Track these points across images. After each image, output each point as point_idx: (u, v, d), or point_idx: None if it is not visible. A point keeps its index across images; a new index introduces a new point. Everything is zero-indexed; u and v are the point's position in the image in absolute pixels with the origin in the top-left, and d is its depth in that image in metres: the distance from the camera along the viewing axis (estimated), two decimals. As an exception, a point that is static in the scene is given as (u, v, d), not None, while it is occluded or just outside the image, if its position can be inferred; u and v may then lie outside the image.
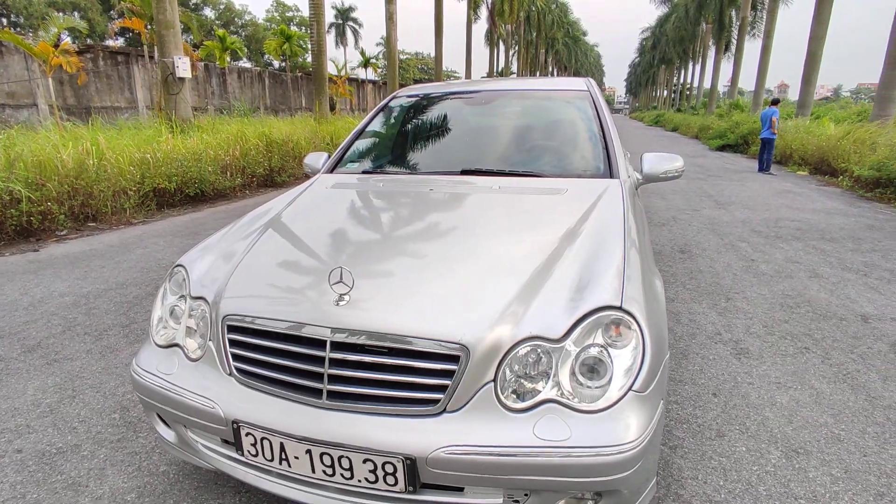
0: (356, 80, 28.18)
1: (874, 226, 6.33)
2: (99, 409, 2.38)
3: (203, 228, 6.08)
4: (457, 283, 1.51)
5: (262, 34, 45.70)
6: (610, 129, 2.54)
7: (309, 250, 1.84)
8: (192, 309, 1.67)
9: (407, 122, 3.01)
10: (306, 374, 1.41)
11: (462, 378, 1.32)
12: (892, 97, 11.65)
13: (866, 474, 1.94)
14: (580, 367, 1.35)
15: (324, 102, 14.89)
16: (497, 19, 30.02)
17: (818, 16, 15.70)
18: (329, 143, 11.95)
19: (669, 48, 44.49)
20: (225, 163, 8.43)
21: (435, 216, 1.99)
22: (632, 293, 1.44)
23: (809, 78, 16.21)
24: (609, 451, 1.25)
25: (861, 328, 3.25)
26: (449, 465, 1.27)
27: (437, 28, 23.22)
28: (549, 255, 1.61)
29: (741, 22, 25.75)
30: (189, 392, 1.52)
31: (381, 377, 1.36)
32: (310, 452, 1.35)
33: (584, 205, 1.98)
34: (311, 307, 1.45)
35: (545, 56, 52.07)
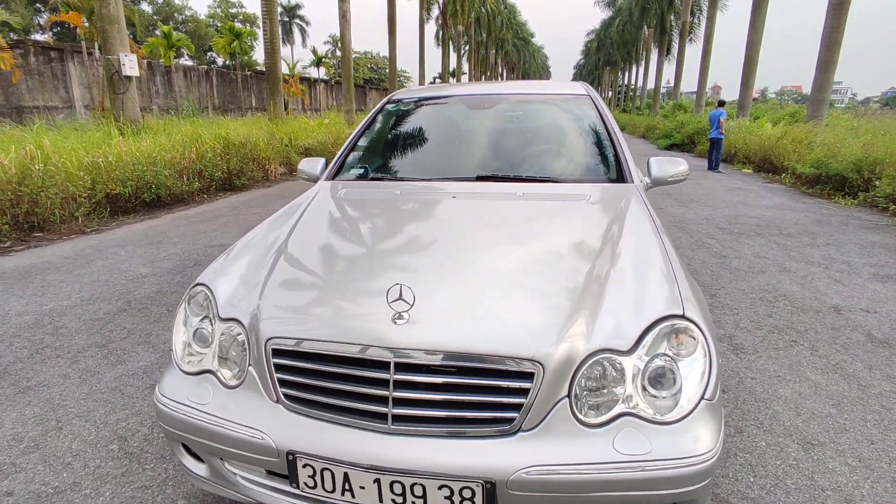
0: (308, 79, 27.51)
1: (822, 220, 6.76)
2: (93, 441, 2.18)
3: (165, 237, 5.75)
4: (516, 296, 1.47)
5: (204, 30, 43.82)
6: (617, 134, 2.57)
7: (348, 265, 1.73)
8: (223, 332, 1.55)
9: (410, 127, 2.93)
10: (368, 398, 1.33)
11: (537, 395, 1.28)
12: (823, 99, 12.52)
13: (878, 462, 2.05)
14: (649, 378, 1.34)
15: (278, 102, 14.44)
16: (449, 20, 30.09)
17: (754, 23, 16.66)
18: (288, 145, 11.63)
19: (614, 51, 46.06)
20: (182, 166, 8.01)
21: (470, 226, 1.92)
22: (689, 299, 1.45)
23: (748, 81, 17.18)
24: (689, 461, 1.24)
25: (837, 319, 3.45)
26: (530, 486, 1.23)
27: (391, 28, 23.01)
28: (597, 263, 1.60)
29: (682, 27, 26.99)
30: (231, 423, 1.40)
31: (449, 398, 1.31)
32: (378, 482, 1.28)
33: (612, 210, 1.99)
34: (369, 327, 1.37)
35: (495, 57, 52.72)
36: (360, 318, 1.41)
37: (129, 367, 2.81)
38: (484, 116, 2.85)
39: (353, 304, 1.49)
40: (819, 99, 12.54)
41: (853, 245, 5.43)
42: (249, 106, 21.86)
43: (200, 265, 4.66)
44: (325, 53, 36.55)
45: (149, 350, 3.01)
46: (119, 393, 2.55)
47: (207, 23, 46.46)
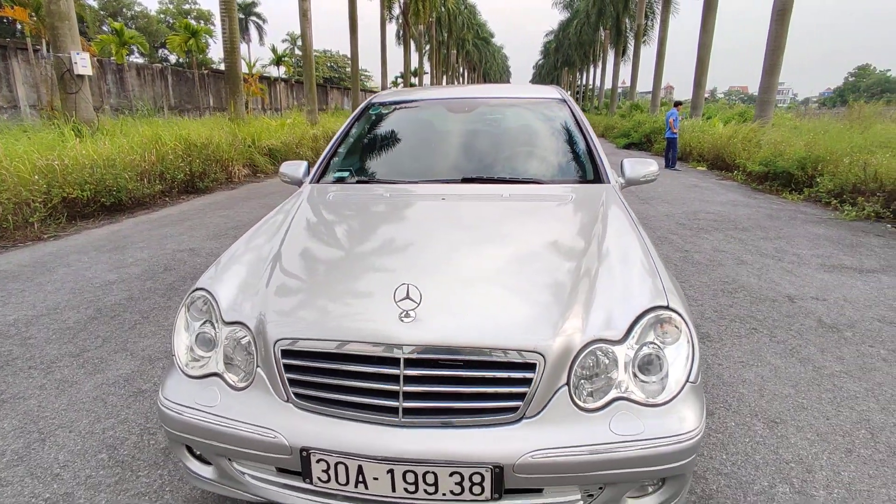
0: (268, 78, 26.95)
1: (772, 215, 7.18)
2: (80, 451, 2.14)
3: (130, 242, 5.58)
4: (515, 292, 1.56)
5: (155, 27, 42.20)
6: (592, 137, 2.70)
7: (350, 266, 1.77)
8: (228, 336, 1.57)
9: (393, 130, 2.98)
10: (379, 394, 1.39)
11: (539, 384, 1.37)
12: (769, 101, 13.23)
13: (833, 435, 2.25)
14: (639, 364, 1.45)
15: (239, 102, 14.13)
16: (410, 19, 30.05)
17: (704, 25, 17.41)
18: (251, 146, 11.40)
19: (572, 51, 47.06)
20: (142, 168, 7.77)
21: (462, 226, 2.00)
22: (672, 291, 1.58)
23: (700, 81, 17.93)
24: (679, 439, 1.36)
25: (791, 308, 3.71)
26: (535, 468, 1.32)
27: (352, 27, 22.81)
28: (585, 260, 1.71)
29: (637, 29, 27.88)
30: (242, 423, 1.43)
31: (457, 390, 1.38)
32: (392, 472, 1.34)
33: (593, 210, 2.11)
34: (378, 325, 1.42)
35: (456, 57, 52.98)
36: (369, 318, 1.46)
37: (108, 376, 2.75)
38: (465, 120, 2.94)
39: (360, 304, 1.54)
40: (765, 100, 13.24)
41: (801, 238, 5.81)
42: (207, 106, 21.26)
43: (171, 270, 4.57)
44: (283, 51, 35.78)
45: (127, 358, 2.96)
46: (101, 402, 2.51)
47: (158, 19, 44.77)
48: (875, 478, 1.99)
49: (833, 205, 7.75)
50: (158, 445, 2.18)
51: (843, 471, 2.02)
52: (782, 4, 12.28)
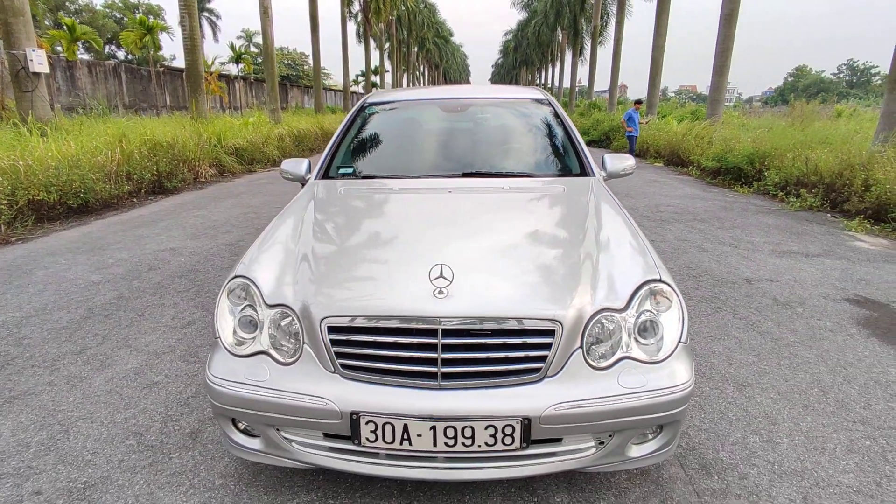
0: (227, 76, 26.32)
1: (727, 207, 7.70)
2: (106, 439, 2.23)
3: (105, 243, 5.50)
4: (529, 270, 1.78)
5: (101, 22, 40.36)
6: (576, 134, 2.95)
7: (382, 250, 1.95)
8: (272, 317, 1.72)
9: (391, 128, 3.14)
10: (418, 361, 1.58)
11: (558, 348, 1.59)
12: (719, 100, 14.00)
13: (792, 393, 2.58)
14: (639, 329, 1.69)
15: (201, 101, 13.83)
16: (371, 17, 29.96)
17: (658, 28, 18.19)
18: (217, 145, 11.23)
19: (531, 51, 47.97)
20: (109, 169, 7.59)
21: (473, 215, 2.21)
22: (661, 266, 1.83)
23: (654, 81, 18.72)
24: (674, 390, 1.61)
25: (749, 289, 4.10)
26: (558, 419, 1.54)
27: (313, 24, 22.59)
28: (585, 241, 1.94)
29: (593, 30, 28.76)
30: (294, 394, 1.59)
31: (488, 356, 1.58)
32: (434, 428, 1.53)
33: (585, 199, 2.35)
34: (416, 302, 1.61)
35: (417, 55, 53.04)
36: (407, 295, 1.65)
37: (116, 371, 2.81)
38: (459, 118, 3.14)
39: (398, 283, 1.71)
40: (716, 99, 14.01)
41: (754, 227, 6.30)
42: (164, 104, 20.63)
43: (156, 270, 4.57)
44: (239, 49, 34.96)
45: (132, 353, 3.01)
46: (116, 395, 2.58)
47: (104, 14, 42.81)
48: (827, 426, 2.31)
49: (779, 197, 8.36)
50: (184, 430, 2.28)
51: (801, 422, 2.34)
52: (729, 9, 13.02)
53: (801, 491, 1.92)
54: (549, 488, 1.91)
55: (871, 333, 3.27)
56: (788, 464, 2.06)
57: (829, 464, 2.06)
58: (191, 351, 3.04)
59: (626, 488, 1.92)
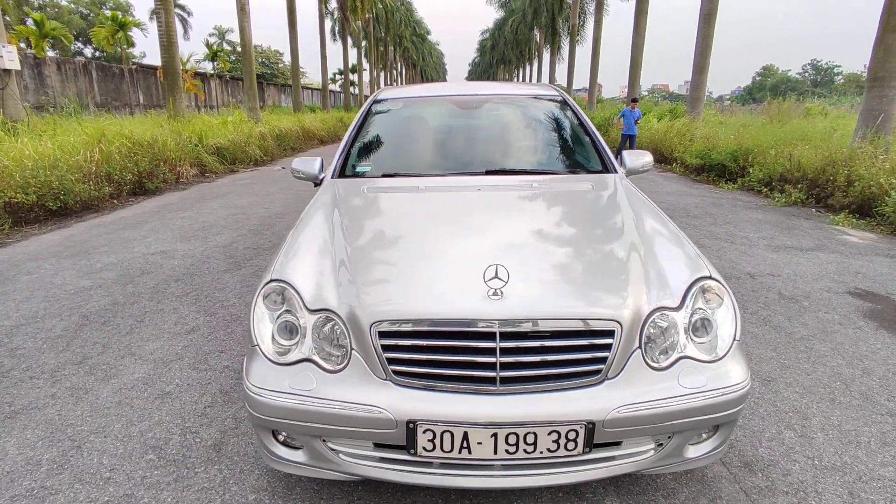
0: (203, 74, 25.69)
1: (716, 203, 7.82)
2: (123, 455, 2.10)
3: (90, 247, 5.27)
4: (583, 269, 1.73)
5: (66, 18, 38.91)
6: (594, 130, 2.92)
7: (427, 251, 1.86)
8: (315, 323, 1.63)
9: (406, 125, 3.06)
10: (475, 366, 1.52)
11: (618, 349, 1.54)
12: (699, 98, 14.25)
13: (816, 387, 2.59)
14: (694, 327, 1.66)
15: (178, 99, 13.45)
16: (349, 15, 29.61)
17: (637, 28, 18.41)
18: (198, 145, 10.93)
19: (508, 50, 48.14)
20: (88, 170, 7.31)
21: (512, 213, 2.15)
22: (707, 263, 1.80)
23: (634, 80, 18.96)
24: (733, 389, 1.58)
25: (753, 283, 4.14)
26: (621, 422, 1.49)
27: (291, 21, 22.23)
28: (629, 239, 1.90)
29: (571, 29, 28.99)
30: (345, 403, 1.51)
31: (548, 358, 1.53)
32: (495, 435, 1.47)
33: (616, 196, 2.32)
34: (471, 303, 1.54)
35: (394, 53, 52.72)
36: (461, 297, 1.58)
37: (123, 381, 2.67)
38: (475, 115, 3.07)
39: (451, 285, 1.64)
40: (696, 97, 14.25)
41: (745, 223, 6.40)
42: (137, 103, 20.01)
43: (149, 274, 4.39)
44: (215, 46, 34.14)
45: (137, 362, 2.87)
46: (127, 407, 2.45)
47: (70, 9, 41.29)
48: (857, 419, 2.33)
49: (764, 193, 8.53)
50: (205, 443, 2.17)
51: (831, 416, 2.35)
52: (708, 9, 13.25)
53: (846, 486, 1.92)
54: (597, 492, 1.87)
55: (879, 326, 3.33)
56: (828, 459, 2.06)
57: (867, 457, 2.07)
58: (200, 358, 2.91)
59: (674, 489, 1.89)
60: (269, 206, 7.41)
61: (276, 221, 6.38)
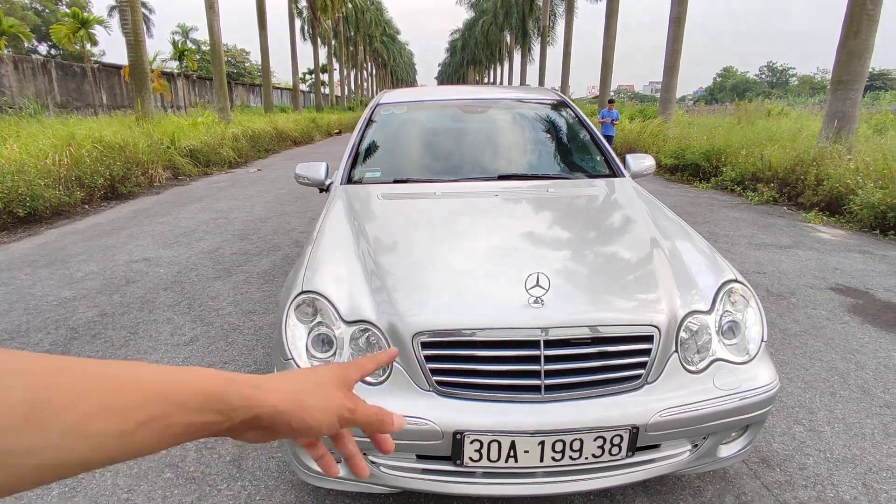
0: (169, 73, 24.93)
1: (693, 202, 8.04)
2: (139, 474, 2.03)
3: (66, 255, 5.06)
4: (615, 275, 1.75)
5: (20, 13, 37.14)
6: (597, 134, 2.97)
7: (463, 260, 1.86)
8: (352, 335, 1.61)
9: (414, 130, 3.03)
10: (520, 374, 1.52)
11: (657, 354, 1.57)
12: (670, 99, 14.63)
13: (816, 382, 2.69)
14: (724, 330, 1.70)
15: (147, 100, 13.02)
16: (319, 14, 29.22)
17: (608, 29, 18.76)
18: (170, 147, 10.61)
19: (479, 50, 48.38)
20: (59, 174, 7.01)
21: (534, 219, 2.16)
22: (731, 266, 1.85)
23: (605, 80, 19.30)
24: (764, 389, 1.63)
25: (741, 281, 4.27)
26: (664, 425, 1.52)
27: (261, 20, 21.80)
28: (654, 243, 1.94)
29: (542, 31, 29.35)
30: None
31: (592, 365, 1.54)
32: (542, 443, 1.47)
33: (631, 199, 2.36)
34: (514, 312, 1.54)
35: (364, 53, 52.32)
36: (504, 306, 1.58)
37: (126, 396, 2.57)
38: (482, 119, 3.07)
39: (492, 294, 1.64)
40: (667, 98, 14.62)
41: (724, 221, 6.60)
42: (101, 103, 19.28)
43: (135, 283, 4.24)
44: (181, 44, 33.08)
45: (138, 376, 2.76)
46: (134, 423, 2.35)
47: (23, 5, 39.43)
48: (859, 412, 2.43)
49: (737, 191, 8.81)
50: (224, 459, 2.11)
51: (834, 409, 2.45)
52: (678, 12, 13.61)
53: (859, 477, 2.00)
54: (626, 493, 1.90)
55: (864, 320, 3.49)
56: (838, 451, 2.15)
57: (874, 449, 2.16)
58: (203, 370, 2.82)
59: (699, 487, 1.94)
60: (251, 210, 7.25)
61: (260, 226, 6.25)
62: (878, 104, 19.88)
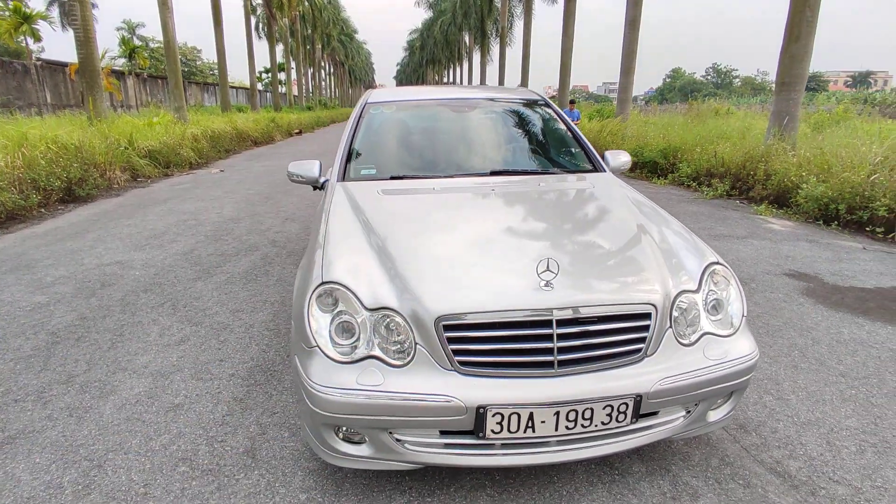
0: (120, 72, 23.89)
1: (653, 197, 8.23)
2: (152, 469, 2.04)
3: (30, 260, 4.87)
4: (614, 259, 1.92)
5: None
6: (577, 131, 3.14)
7: (476, 248, 1.99)
8: (376, 321, 1.70)
9: (405, 128, 3.12)
10: (536, 352, 1.65)
11: (655, 329, 1.74)
12: (628, 98, 15.20)
13: (779, 357, 2.96)
14: (710, 307, 1.89)
15: (98, 98, 12.51)
16: (276, 12, 28.65)
17: (566, 31, 19.28)
18: (127, 148, 10.25)
19: (438, 50, 48.56)
20: (12, 176, 6.69)
21: (532, 211, 2.30)
22: (711, 249, 2.05)
23: (564, 81, 19.84)
24: (747, 358, 1.82)
25: (705, 269, 4.57)
26: (663, 393, 1.69)
27: (216, 17, 21.23)
28: (644, 230, 2.12)
29: (501, 32, 29.78)
30: (417, 394, 1.59)
31: (599, 341, 1.69)
32: (558, 413, 1.61)
33: (617, 192, 2.54)
34: (528, 294, 1.68)
35: (322, 52, 51.57)
36: (520, 289, 1.70)
37: (125, 396, 2.56)
38: (471, 118, 3.20)
39: (507, 278, 1.76)
40: (624, 98, 15.18)
41: (684, 215, 6.97)
42: (45, 102, 18.30)
43: (111, 286, 4.15)
44: (129, 41, 31.66)
45: (134, 377, 2.75)
46: (138, 422, 2.36)
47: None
48: (818, 381, 2.70)
49: (693, 187, 9.29)
50: (237, 450, 2.15)
51: (797, 380, 2.71)
52: (633, 15, 14.16)
53: (823, 437, 2.24)
54: (624, 461, 2.07)
55: (816, 301, 3.82)
56: (803, 416, 2.39)
57: (834, 412, 2.42)
58: (200, 369, 2.84)
59: (688, 453, 2.13)
60: (220, 210, 7.13)
61: (233, 227, 6.17)
62: (814, 104, 21.26)
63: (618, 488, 1.93)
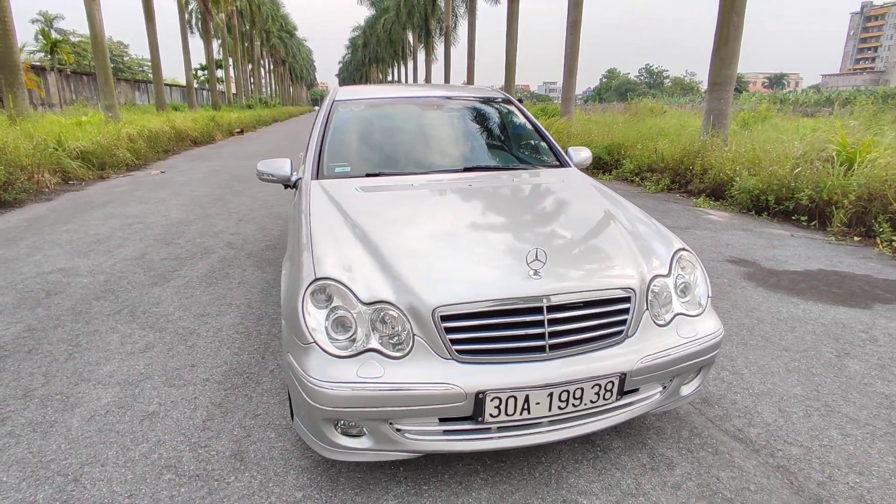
0: (41, 67, 22.17)
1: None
2: (135, 479, 1.98)
3: (-40, 270, 4.50)
4: (593, 248, 2.04)
5: None
6: (541, 128, 3.28)
7: (466, 241, 2.05)
8: (372, 315, 1.73)
9: (375, 125, 3.13)
10: (528, 337, 1.74)
11: (634, 312, 1.87)
12: (571, 98, 15.70)
13: (731, 335, 3.20)
14: (679, 289, 2.05)
15: (20, 96, 11.67)
16: (212, 7, 27.49)
17: (510, 31, 19.66)
18: (57, 149, 9.59)
19: (381, 49, 48.21)
20: (-72, 181, 6.12)
21: (511, 205, 2.39)
22: (676, 236, 2.21)
23: (510, 81, 20.23)
24: (714, 335, 1.99)
25: (656, 259, 4.84)
26: (644, 370, 1.82)
27: (148, 13, 20.13)
28: (617, 221, 2.26)
29: (445, 31, 29.98)
30: (418, 384, 1.64)
31: (585, 325, 1.80)
32: (551, 395, 1.71)
33: (586, 185, 2.68)
34: (520, 284, 1.76)
35: (261, 49, 49.96)
36: (510, 279, 1.78)
37: (92, 408, 2.45)
38: (440, 116, 3.25)
39: (499, 269, 1.84)
40: (567, 98, 15.68)
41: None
42: (-47, 100, 16.70)
43: (57, 294, 3.91)
44: (50, 35, 29.43)
45: (98, 387, 2.63)
46: (112, 433, 2.26)
47: None
48: (766, 356, 2.95)
49: (636, 182, 9.77)
50: (223, 454, 2.12)
51: (749, 356, 2.95)
52: (574, 17, 14.65)
53: (775, 404, 2.46)
54: (604, 438, 2.20)
55: (757, 284, 4.15)
56: (757, 387, 2.61)
57: (782, 382, 2.66)
58: (171, 375, 2.74)
59: (661, 427, 2.28)
60: (167, 213, 6.83)
61: (183, 230, 5.93)
62: (738, 103, 22.85)
63: (601, 464, 2.05)
